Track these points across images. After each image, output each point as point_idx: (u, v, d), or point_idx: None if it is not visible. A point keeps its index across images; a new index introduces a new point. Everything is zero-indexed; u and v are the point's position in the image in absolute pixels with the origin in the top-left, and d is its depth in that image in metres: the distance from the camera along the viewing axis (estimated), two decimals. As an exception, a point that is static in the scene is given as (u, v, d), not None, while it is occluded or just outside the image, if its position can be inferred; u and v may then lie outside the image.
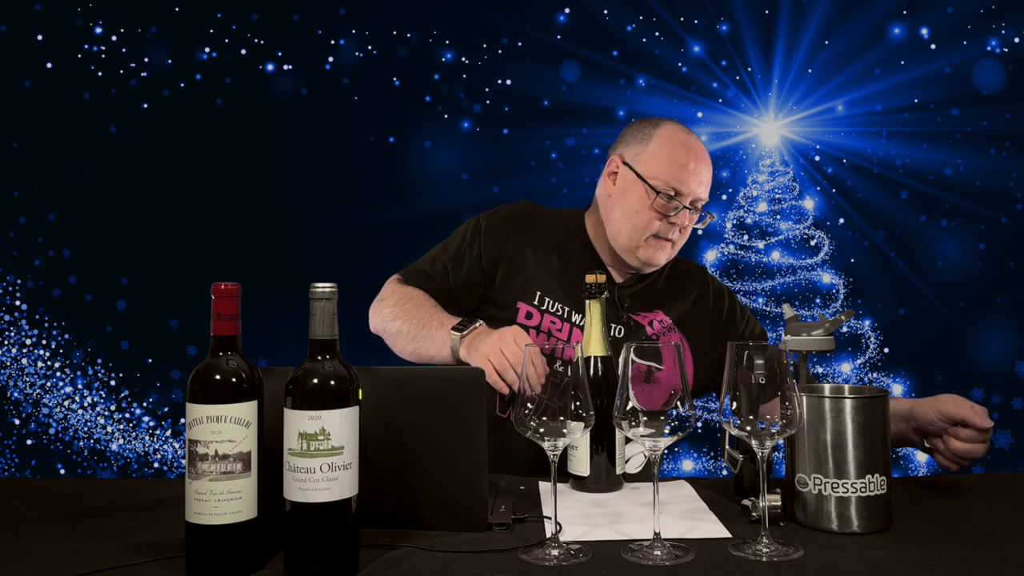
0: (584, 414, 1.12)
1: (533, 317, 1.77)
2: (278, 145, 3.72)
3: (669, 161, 1.77)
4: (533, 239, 1.84)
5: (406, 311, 1.73)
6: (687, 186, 1.75)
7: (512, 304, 1.78)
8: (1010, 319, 3.61)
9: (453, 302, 1.79)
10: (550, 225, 1.88)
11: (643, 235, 1.77)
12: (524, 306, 1.78)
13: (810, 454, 1.21)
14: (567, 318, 1.78)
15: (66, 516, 1.29)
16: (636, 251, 1.79)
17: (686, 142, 1.79)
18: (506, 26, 3.74)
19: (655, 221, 1.76)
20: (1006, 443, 3.56)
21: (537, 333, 1.76)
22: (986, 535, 1.18)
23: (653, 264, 1.80)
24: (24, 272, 3.67)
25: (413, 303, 1.74)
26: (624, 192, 1.81)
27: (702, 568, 1.04)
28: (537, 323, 1.77)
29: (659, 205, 1.75)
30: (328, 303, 1.05)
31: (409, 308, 1.73)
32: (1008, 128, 3.65)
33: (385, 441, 1.17)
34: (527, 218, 1.88)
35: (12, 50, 3.70)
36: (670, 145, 1.78)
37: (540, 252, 1.83)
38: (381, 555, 1.07)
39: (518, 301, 1.78)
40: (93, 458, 3.65)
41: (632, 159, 1.81)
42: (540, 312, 1.77)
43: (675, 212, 1.75)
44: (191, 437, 1.01)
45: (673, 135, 1.80)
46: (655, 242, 1.78)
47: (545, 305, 1.78)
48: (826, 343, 1.42)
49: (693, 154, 1.78)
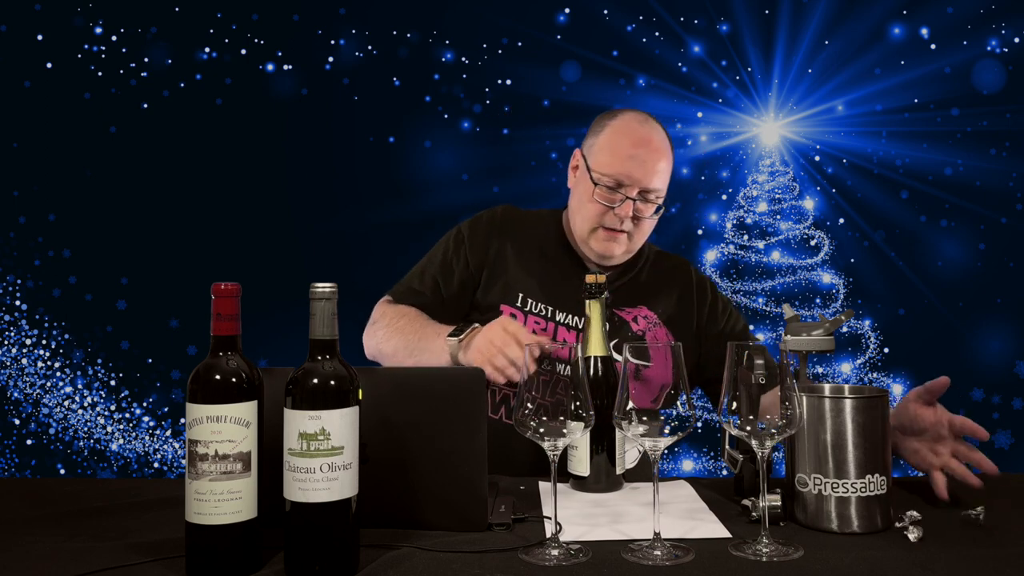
0: (584, 414, 1.12)
1: (517, 319, 1.77)
2: (278, 145, 3.72)
3: (614, 152, 1.76)
4: (515, 242, 1.85)
5: (400, 328, 1.73)
6: (631, 176, 1.73)
7: (495, 307, 1.79)
8: (1010, 319, 3.61)
9: (448, 313, 1.79)
10: (531, 227, 1.89)
11: (590, 226, 1.77)
12: (507, 308, 1.79)
13: (810, 454, 1.21)
14: (551, 317, 1.78)
15: (66, 516, 1.29)
16: (588, 242, 1.79)
17: (636, 132, 1.78)
18: (506, 26, 3.74)
19: (601, 212, 1.76)
20: (1006, 443, 3.56)
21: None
22: (986, 535, 1.18)
23: (608, 256, 1.79)
24: (24, 272, 3.67)
25: (406, 319, 1.74)
26: (577, 184, 1.84)
27: (702, 568, 1.04)
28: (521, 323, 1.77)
29: (601, 196, 1.75)
30: (328, 303, 1.05)
31: (403, 325, 1.73)
32: (1008, 128, 3.65)
33: (385, 441, 1.17)
34: (507, 222, 1.89)
35: (12, 50, 3.70)
36: (618, 136, 1.78)
37: (521, 254, 1.84)
38: (381, 555, 1.07)
39: (501, 304, 1.79)
40: (93, 458, 3.65)
41: (587, 151, 1.83)
42: (524, 313, 1.78)
43: (619, 203, 1.74)
44: (191, 437, 1.01)
45: (625, 125, 1.79)
46: (605, 234, 1.77)
47: (528, 306, 1.79)
48: (826, 343, 1.42)
49: (643, 144, 1.76)
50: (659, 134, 1.80)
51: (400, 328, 1.72)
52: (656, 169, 1.75)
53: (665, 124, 1.88)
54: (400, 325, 1.73)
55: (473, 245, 1.84)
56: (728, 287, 3.68)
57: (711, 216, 3.73)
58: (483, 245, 1.84)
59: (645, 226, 1.80)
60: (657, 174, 1.76)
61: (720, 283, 3.69)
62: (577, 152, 1.87)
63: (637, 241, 1.81)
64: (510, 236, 1.86)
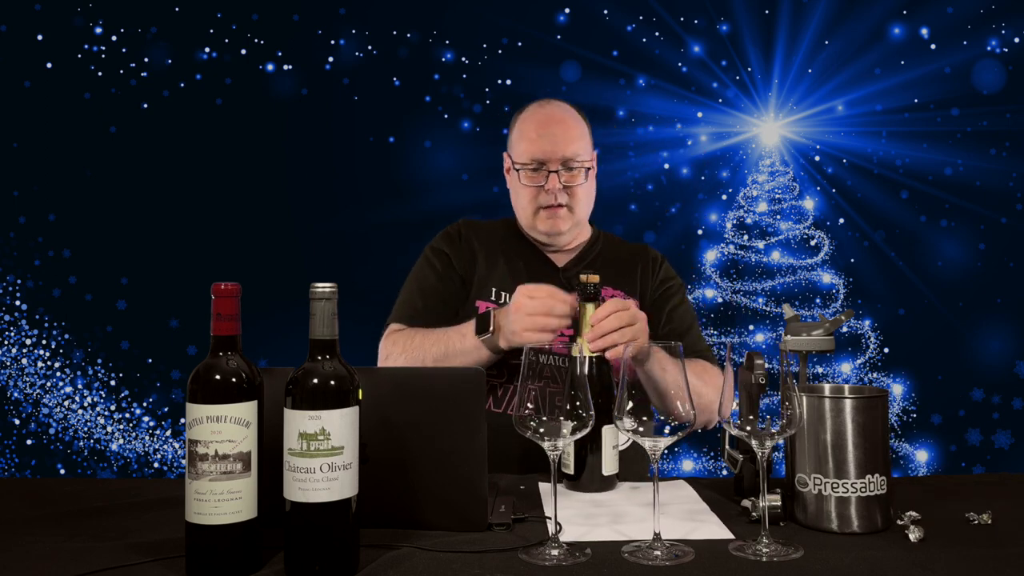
0: (584, 414, 1.12)
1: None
2: (278, 145, 3.72)
3: (524, 138, 1.87)
4: (480, 247, 1.93)
5: (418, 347, 1.74)
6: (546, 152, 1.82)
7: (471, 303, 1.85)
8: (1010, 319, 3.61)
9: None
10: (489, 233, 1.97)
11: (531, 210, 1.87)
12: (482, 303, 1.84)
13: (810, 454, 1.21)
14: None
15: (66, 516, 1.29)
16: (535, 227, 1.88)
17: (537, 114, 1.89)
18: (506, 26, 3.74)
19: (534, 195, 1.85)
20: (1006, 443, 3.56)
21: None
22: (986, 535, 1.18)
23: (557, 232, 1.87)
24: (24, 272, 3.67)
25: (420, 336, 1.76)
26: (510, 181, 1.94)
27: (702, 568, 1.04)
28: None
29: (528, 179, 1.85)
30: (328, 303, 1.05)
31: (419, 343, 1.75)
32: (1008, 128, 3.65)
33: (385, 441, 1.17)
34: (470, 231, 1.97)
35: (12, 50, 3.70)
36: (524, 124, 1.89)
37: (487, 257, 1.91)
38: (381, 555, 1.07)
39: (476, 300, 1.86)
40: (93, 458, 3.65)
41: (509, 150, 1.94)
42: (499, 306, 1.82)
43: (546, 179, 1.82)
44: (191, 437, 1.01)
45: (529, 114, 1.90)
46: (546, 212, 1.85)
47: (502, 299, 1.84)
48: (826, 343, 1.42)
49: (547, 122, 1.86)
50: (562, 108, 1.91)
51: (418, 346, 1.74)
52: (568, 137, 1.85)
53: (665, 124, 1.91)
54: (416, 344, 1.75)
55: (455, 257, 1.91)
56: (728, 287, 3.68)
57: (711, 216, 3.73)
58: (461, 255, 1.92)
59: (581, 193, 1.87)
60: (571, 142, 1.84)
61: (720, 283, 3.69)
62: (504, 154, 1.96)
63: (580, 212, 1.89)
64: (476, 243, 1.94)
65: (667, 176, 3.72)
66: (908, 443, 3.58)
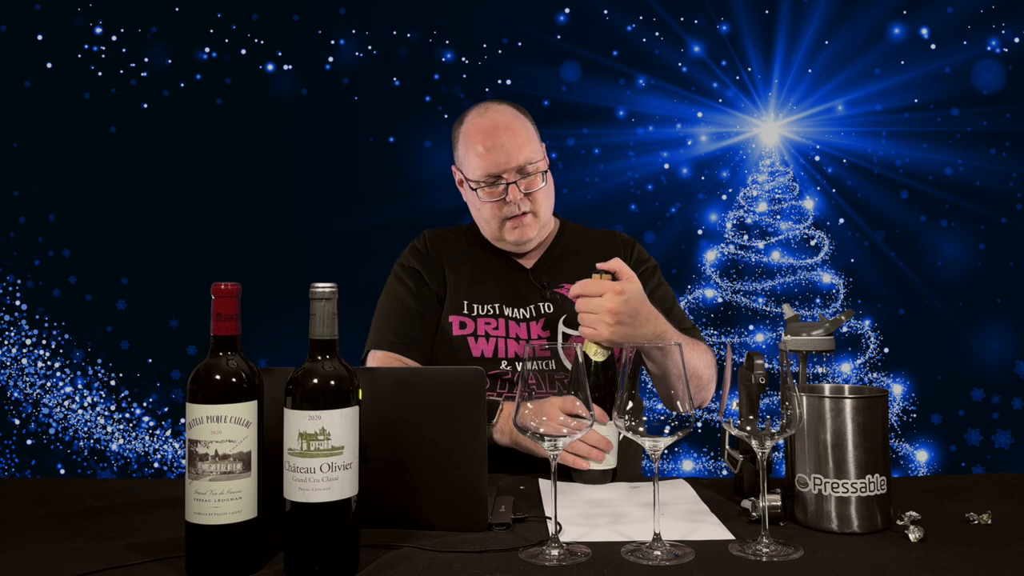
0: (584, 413, 1.12)
1: (467, 326, 1.80)
2: (278, 145, 3.72)
3: (473, 153, 1.80)
4: (447, 259, 1.88)
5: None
6: (499, 164, 1.77)
7: (445, 320, 1.81)
8: (1010, 319, 3.61)
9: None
10: (455, 242, 1.93)
11: (495, 223, 1.82)
12: (456, 318, 1.81)
13: (810, 454, 1.21)
14: (499, 313, 1.81)
15: (66, 516, 1.29)
16: (503, 238, 1.83)
17: (480, 126, 1.81)
18: (506, 26, 3.74)
19: (496, 208, 1.80)
20: (1006, 443, 3.56)
21: (475, 339, 1.78)
22: (986, 535, 1.18)
23: (525, 240, 1.83)
24: (24, 272, 3.67)
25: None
26: (466, 195, 1.89)
27: (702, 568, 1.04)
28: (472, 330, 1.79)
29: (487, 194, 1.80)
30: (328, 303, 1.05)
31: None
32: (1008, 128, 3.65)
33: (385, 441, 1.17)
34: (436, 243, 1.92)
35: (12, 50, 3.70)
36: (469, 139, 1.82)
37: (455, 267, 1.87)
38: (381, 555, 1.07)
39: (449, 316, 1.81)
40: (93, 458, 3.65)
41: (458, 164, 1.88)
42: (472, 319, 1.80)
43: (505, 191, 1.78)
44: (191, 437, 1.01)
45: (470, 126, 1.83)
46: (511, 223, 1.81)
47: (474, 311, 1.81)
48: (826, 343, 1.42)
49: (491, 132, 1.79)
50: (502, 113, 1.84)
51: None
52: (517, 144, 1.79)
53: (665, 124, 1.90)
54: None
55: (427, 273, 1.87)
56: (728, 287, 3.68)
57: (711, 216, 3.73)
58: (432, 271, 1.87)
59: (541, 196, 1.83)
60: (521, 148, 1.79)
61: (720, 283, 3.69)
62: (454, 168, 1.92)
63: (544, 214, 1.85)
64: (443, 256, 1.89)
65: (667, 176, 3.72)
66: (908, 443, 3.58)
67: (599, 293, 1.48)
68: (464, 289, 1.84)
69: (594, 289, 1.49)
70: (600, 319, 1.48)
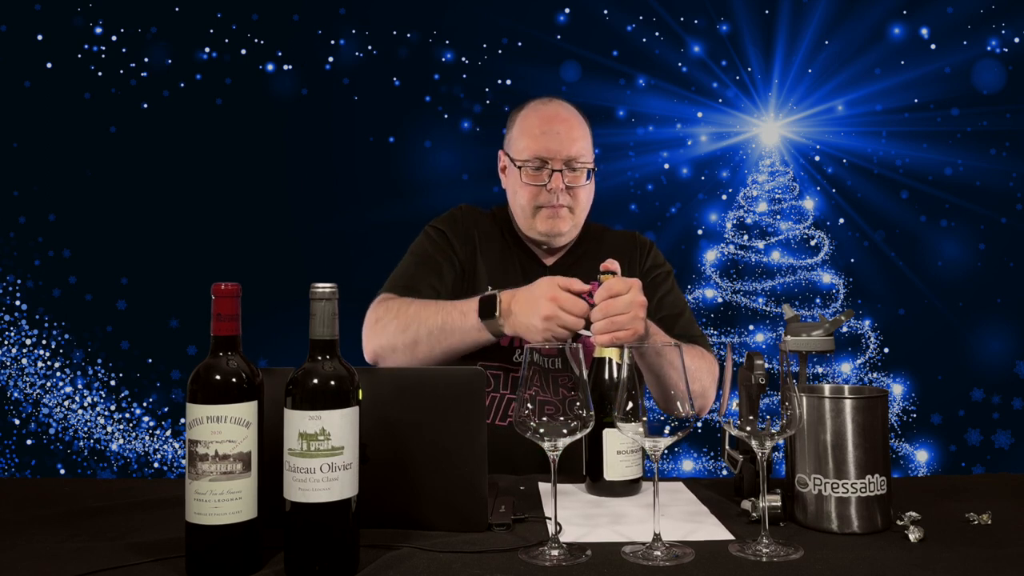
0: (584, 414, 1.12)
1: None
2: (278, 145, 3.72)
3: (526, 135, 1.83)
4: (480, 237, 1.90)
5: (413, 316, 1.66)
6: (550, 150, 1.79)
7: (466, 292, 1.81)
8: (1010, 319, 3.61)
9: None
10: (489, 225, 1.94)
11: (529, 209, 1.82)
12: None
13: (810, 454, 1.21)
14: None
15: (66, 516, 1.29)
16: (534, 226, 1.84)
17: (541, 111, 1.85)
18: (506, 26, 3.74)
19: (535, 194, 1.81)
20: (1006, 443, 3.56)
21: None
22: (986, 535, 1.18)
23: (556, 233, 1.83)
24: (24, 272, 3.67)
25: (416, 306, 1.68)
26: (508, 179, 1.90)
27: (702, 568, 1.04)
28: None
29: (530, 177, 1.81)
30: (328, 303, 1.05)
31: (415, 312, 1.67)
32: (1008, 128, 3.65)
33: (385, 441, 1.17)
34: (472, 217, 1.94)
35: (12, 50, 3.70)
36: (526, 121, 1.85)
37: (485, 249, 1.89)
38: (381, 555, 1.07)
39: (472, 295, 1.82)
40: (93, 458, 3.65)
41: (507, 148, 1.90)
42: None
43: (549, 179, 1.79)
44: (191, 437, 1.01)
45: (531, 111, 1.87)
46: (547, 212, 1.81)
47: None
48: (826, 343, 1.42)
49: (551, 119, 1.82)
50: (565, 107, 1.88)
51: (414, 315, 1.66)
52: (572, 137, 1.81)
53: (665, 124, 1.90)
54: (412, 312, 1.67)
55: (455, 240, 1.88)
56: (728, 287, 3.68)
57: (711, 216, 3.73)
58: (462, 240, 1.88)
59: (582, 195, 1.84)
60: (574, 141, 1.81)
61: (720, 283, 3.69)
62: (500, 152, 1.93)
63: (579, 214, 1.86)
64: (476, 232, 1.91)
65: (667, 176, 3.72)
66: (908, 443, 3.58)
67: (626, 290, 1.47)
68: (489, 272, 1.85)
69: (621, 287, 1.47)
70: (635, 316, 1.46)
